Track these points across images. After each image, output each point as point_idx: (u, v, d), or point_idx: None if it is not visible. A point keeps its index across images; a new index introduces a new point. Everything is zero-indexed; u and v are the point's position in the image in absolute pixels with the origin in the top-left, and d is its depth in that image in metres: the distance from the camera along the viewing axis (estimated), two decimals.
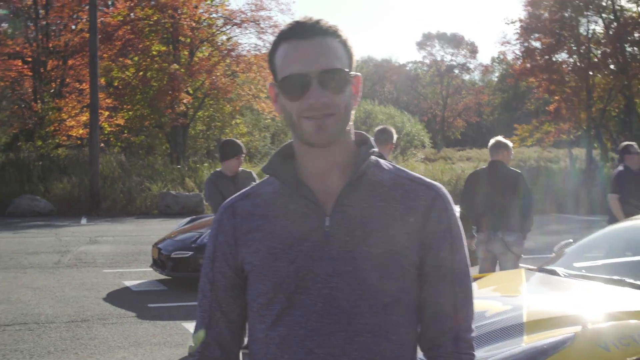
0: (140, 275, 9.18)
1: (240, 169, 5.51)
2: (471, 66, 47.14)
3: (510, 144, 5.63)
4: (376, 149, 1.19)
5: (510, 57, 29.27)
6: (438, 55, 45.91)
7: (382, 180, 1.18)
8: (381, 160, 1.23)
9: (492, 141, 5.67)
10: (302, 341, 1.11)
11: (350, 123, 1.15)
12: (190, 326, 6.38)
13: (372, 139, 1.24)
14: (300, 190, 1.15)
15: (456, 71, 46.21)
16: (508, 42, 27.70)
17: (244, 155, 5.54)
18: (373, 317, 1.11)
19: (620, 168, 6.51)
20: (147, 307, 7.28)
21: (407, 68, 48.61)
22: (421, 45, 46.22)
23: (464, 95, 46.21)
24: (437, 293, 1.17)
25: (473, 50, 45.61)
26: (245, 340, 1.27)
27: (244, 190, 1.27)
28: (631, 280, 3.31)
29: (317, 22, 1.12)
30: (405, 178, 1.20)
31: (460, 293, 1.18)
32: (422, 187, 1.18)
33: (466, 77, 47.56)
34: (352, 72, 1.15)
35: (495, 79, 47.50)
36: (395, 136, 5.48)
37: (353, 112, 1.16)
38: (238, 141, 5.73)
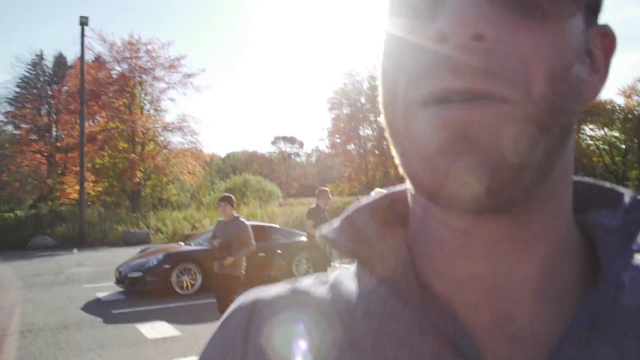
0: (108, 288, 9.62)
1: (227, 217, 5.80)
2: (301, 153, 73.83)
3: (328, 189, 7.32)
4: None
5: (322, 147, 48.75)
6: (283, 148, 70.82)
7: None
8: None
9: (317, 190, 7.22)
10: None
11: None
12: (140, 327, 6.72)
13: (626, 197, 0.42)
14: (432, 318, 0.38)
15: (292, 156, 72.50)
16: (322, 139, 42.40)
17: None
18: None
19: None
20: (112, 313, 7.68)
21: (266, 155, 72.92)
22: (274, 142, 72.23)
23: (296, 169, 73.17)
24: None
25: (301, 145, 71.79)
26: None
27: (282, 286, 0.48)
28: None
29: None
30: None
31: None
32: None
33: (298, 159, 74.97)
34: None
35: (313, 160, 79.64)
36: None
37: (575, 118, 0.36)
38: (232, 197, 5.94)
